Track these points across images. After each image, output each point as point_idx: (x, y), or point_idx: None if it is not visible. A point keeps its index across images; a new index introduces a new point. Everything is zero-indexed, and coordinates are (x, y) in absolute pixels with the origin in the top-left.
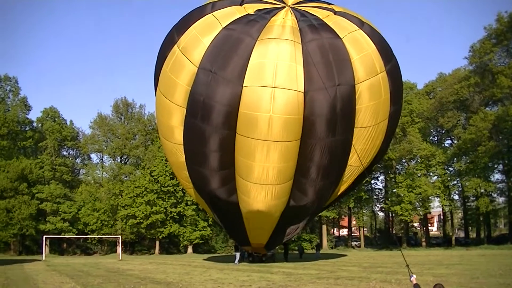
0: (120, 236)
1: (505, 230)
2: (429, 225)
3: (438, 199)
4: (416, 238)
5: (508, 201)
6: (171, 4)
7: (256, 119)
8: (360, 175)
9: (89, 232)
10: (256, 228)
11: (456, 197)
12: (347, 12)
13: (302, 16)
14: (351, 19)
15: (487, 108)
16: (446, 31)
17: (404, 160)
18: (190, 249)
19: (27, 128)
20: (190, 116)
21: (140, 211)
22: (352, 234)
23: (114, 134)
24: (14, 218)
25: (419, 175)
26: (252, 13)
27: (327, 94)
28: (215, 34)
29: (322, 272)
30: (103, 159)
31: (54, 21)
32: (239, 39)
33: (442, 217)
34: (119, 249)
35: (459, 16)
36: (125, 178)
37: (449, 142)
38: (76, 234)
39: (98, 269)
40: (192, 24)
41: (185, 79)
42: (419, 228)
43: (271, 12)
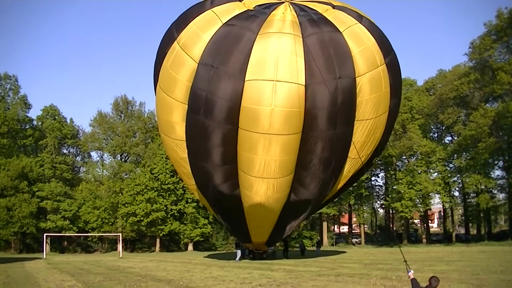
0: (121, 234)
1: (506, 227)
2: (430, 222)
3: (439, 196)
4: (417, 235)
5: (509, 198)
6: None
7: (258, 113)
8: (361, 169)
9: (90, 230)
10: (258, 227)
11: (457, 194)
12: (346, 7)
13: (302, 11)
14: (350, 13)
15: (487, 105)
16: (446, 28)
17: (405, 157)
18: (191, 247)
19: (27, 126)
20: (192, 112)
21: (141, 209)
22: (353, 231)
23: (114, 132)
24: (15, 216)
25: (420, 172)
26: (252, 9)
27: (329, 87)
28: (215, 30)
29: (323, 269)
30: (103, 157)
31: (54, 19)
32: (240, 34)
33: (443, 214)
34: (120, 247)
35: (459, 12)
36: (126, 176)
37: (449, 139)
38: (77, 232)
39: (99, 267)
40: (192, 21)
41: (186, 75)
42: (420, 225)
43: (271, 7)
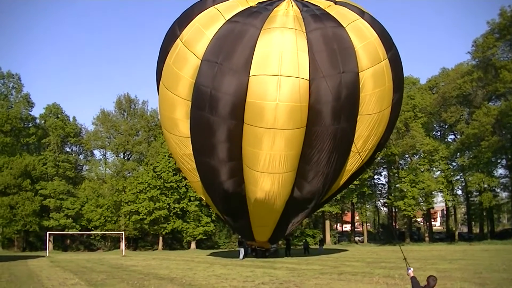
0: (124, 232)
1: (508, 225)
2: (432, 220)
3: (441, 194)
4: (419, 233)
5: None
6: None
7: (263, 108)
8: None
9: (93, 228)
10: (261, 226)
11: (459, 192)
12: (347, 2)
13: (304, 6)
14: (352, 9)
15: (490, 103)
16: (449, 26)
17: (407, 155)
18: (193, 245)
19: (30, 125)
20: (196, 108)
21: (143, 207)
22: (355, 230)
23: (117, 130)
24: (18, 215)
25: (422, 170)
26: (254, 6)
27: (332, 82)
28: (219, 27)
29: (325, 268)
30: (106, 155)
31: (57, 17)
32: (243, 30)
33: (445, 212)
34: (123, 245)
35: (462, 11)
36: (128, 174)
37: (452, 137)
38: (80, 230)
39: (102, 265)
40: (194, 18)
41: (189, 72)
42: (422, 223)
43: (273, 4)
